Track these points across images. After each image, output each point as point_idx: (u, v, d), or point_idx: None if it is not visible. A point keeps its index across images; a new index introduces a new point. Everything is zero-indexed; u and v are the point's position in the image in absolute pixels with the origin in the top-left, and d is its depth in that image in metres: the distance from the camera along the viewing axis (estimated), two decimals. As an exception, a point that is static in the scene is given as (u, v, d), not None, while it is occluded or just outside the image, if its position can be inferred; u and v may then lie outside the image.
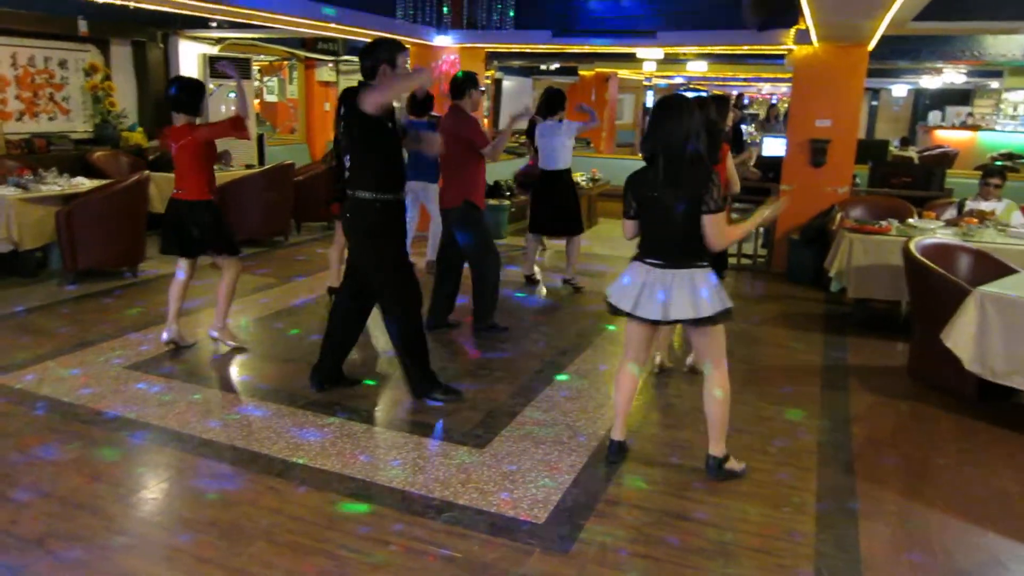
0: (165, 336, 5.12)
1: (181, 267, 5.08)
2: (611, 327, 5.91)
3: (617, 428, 3.73)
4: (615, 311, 3.56)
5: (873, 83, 17.91)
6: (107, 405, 4.22)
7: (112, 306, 6.06)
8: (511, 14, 6.34)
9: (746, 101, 18.08)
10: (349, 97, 4.00)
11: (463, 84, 5.36)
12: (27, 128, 8.21)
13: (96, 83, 8.83)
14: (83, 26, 8.22)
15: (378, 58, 3.96)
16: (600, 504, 3.33)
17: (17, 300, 6.16)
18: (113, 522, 3.14)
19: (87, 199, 6.61)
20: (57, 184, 6.95)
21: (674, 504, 3.36)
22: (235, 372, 4.87)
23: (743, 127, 15.71)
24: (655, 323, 3.51)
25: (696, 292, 3.39)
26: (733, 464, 3.62)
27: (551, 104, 6.73)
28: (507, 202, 9.25)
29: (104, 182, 7.11)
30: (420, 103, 6.64)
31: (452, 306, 5.77)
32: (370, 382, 4.70)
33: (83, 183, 7.11)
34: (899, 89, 19.01)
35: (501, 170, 9.78)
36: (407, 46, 4.06)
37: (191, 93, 4.89)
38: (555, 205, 6.84)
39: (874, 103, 20.50)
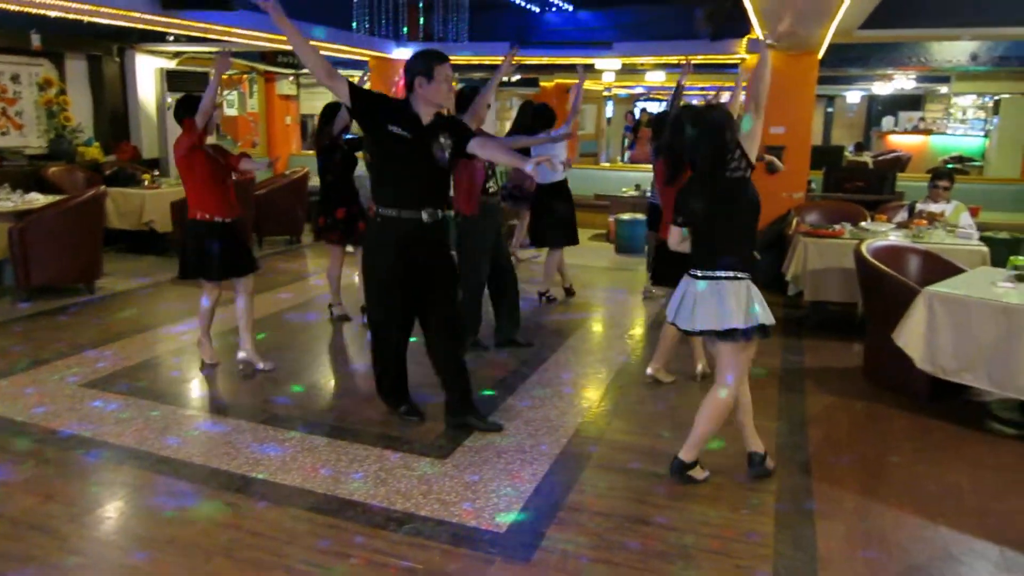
0: (240, 355, 5.01)
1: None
2: (570, 339, 5.96)
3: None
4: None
5: (827, 90, 18.31)
6: (62, 424, 4.14)
7: (67, 323, 5.94)
8: (466, 27, 6.38)
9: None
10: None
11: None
12: (-18, 144, 8.05)
13: (51, 97, 8.67)
14: (36, 40, 8.07)
15: (413, 71, 3.75)
16: (562, 512, 3.35)
17: (-33, 320, 6.02)
18: (67, 542, 3.08)
19: (41, 215, 6.49)
20: (10, 200, 6.82)
21: (635, 509, 3.39)
22: (194, 388, 4.81)
23: None
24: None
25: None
26: (697, 472, 3.64)
27: (543, 120, 6.55)
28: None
29: (59, 198, 6.99)
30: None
31: (516, 319, 5.66)
32: (296, 388, 4.67)
33: (37, 199, 6.99)
34: (853, 95, 19.46)
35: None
36: (446, 57, 3.81)
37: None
38: (559, 216, 6.82)
39: (829, 110, 20.93)
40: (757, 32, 6.38)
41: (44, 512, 3.28)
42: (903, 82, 14.79)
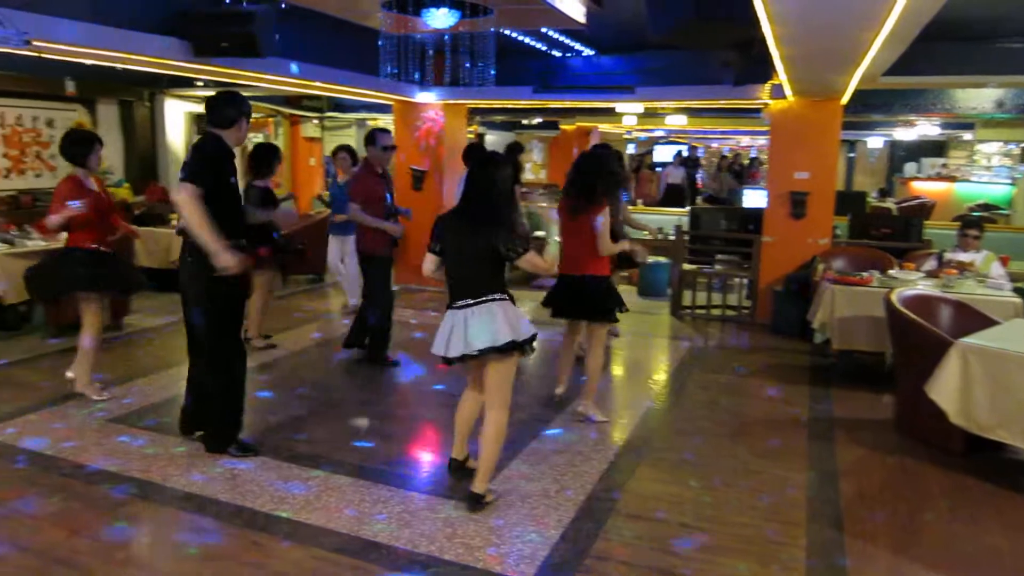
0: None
1: None
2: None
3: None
4: None
5: (849, 135, 18.32)
6: (89, 458, 4.16)
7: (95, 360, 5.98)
8: (492, 72, 6.50)
9: (700, 153, 18.59)
10: None
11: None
12: (14, 185, 8.24)
13: (84, 140, 8.88)
14: (70, 86, 8.33)
15: (239, 111, 4.15)
16: (588, 560, 3.30)
17: (0, 353, 6.10)
18: (91, 580, 3.07)
19: (72, 253, 6.56)
20: (43, 239, 6.93)
21: (661, 560, 3.32)
22: (219, 426, 4.80)
23: (698, 177, 16.37)
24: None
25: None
26: (490, 497, 3.76)
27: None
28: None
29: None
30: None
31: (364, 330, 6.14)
32: (321, 427, 4.65)
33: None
34: (875, 141, 19.45)
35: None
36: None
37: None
38: None
39: (851, 155, 20.93)
40: (782, 78, 6.43)
41: (70, 547, 3.29)
42: (926, 128, 14.78)
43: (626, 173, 6.42)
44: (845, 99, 7.55)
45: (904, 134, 16.52)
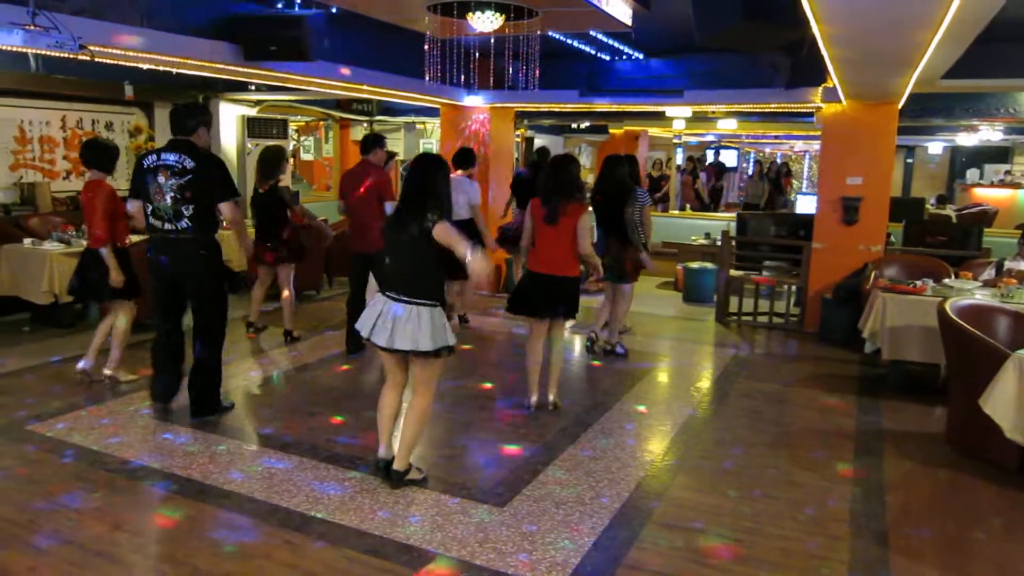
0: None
1: None
2: (634, 388, 5.85)
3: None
4: None
5: (907, 140, 17.81)
6: (133, 454, 4.26)
7: (144, 357, 6.10)
8: (536, 75, 6.48)
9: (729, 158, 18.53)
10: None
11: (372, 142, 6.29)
12: (73, 187, 8.52)
13: (140, 143, 9.16)
14: (129, 90, 8.58)
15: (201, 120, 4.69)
16: (620, 569, 3.24)
17: (55, 350, 6.30)
18: (131, 571, 3.14)
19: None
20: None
21: (697, 572, 3.25)
22: (260, 424, 4.88)
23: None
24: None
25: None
26: (414, 474, 3.96)
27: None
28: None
29: (142, 238, 7.29)
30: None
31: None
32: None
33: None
34: (935, 146, 18.87)
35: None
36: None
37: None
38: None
39: (909, 160, 20.33)
40: (834, 81, 6.27)
41: (111, 540, 3.36)
42: (989, 133, 14.25)
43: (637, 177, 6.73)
44: (901, 103, 7.33)
45: (966, 139, 15.97)
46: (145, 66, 6.34)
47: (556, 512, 3.72)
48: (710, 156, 19.45)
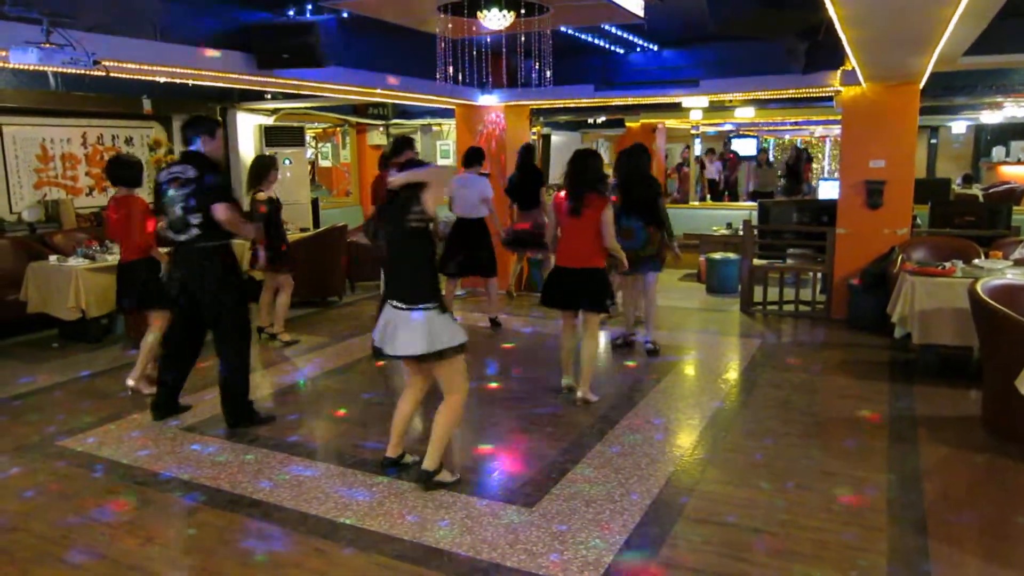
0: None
1: None
2: (661, 382, 5.79)
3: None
4: None
5: (930, 120, 17.50)
6: (163, 466, 4.28)
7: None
8: (549, 71, 6.43)
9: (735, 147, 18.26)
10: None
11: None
12: (96, 202, 8.61)
13: (160, 156, 9.24)
14: (147, 104, 8.69)
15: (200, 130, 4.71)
16: (654, 566, 3.20)
17: (83, 365, 6.37)
18: (162, 586, 3.15)
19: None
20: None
21: (732, 567, 3.20)
22: (287, 432, 4.88)
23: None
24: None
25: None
26: (445, 475, 3.95)
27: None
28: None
29: (165, 250, 7.35)
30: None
31: None
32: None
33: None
34: (959, 126, 18.51)
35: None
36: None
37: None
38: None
39: (933, 141, 19.97)
40: (853, 63, 6.17)
41: (143, 554, 3.38)
42: (1014, 110, 13.97)
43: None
44: (923, 83, 7.20)
45: (990, 117, 15.66)
46: (162, 79, 6.40)
47: (586, 511, 3.68)
48: (733, 145, 19.22)
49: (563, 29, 7.09)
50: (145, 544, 3.46)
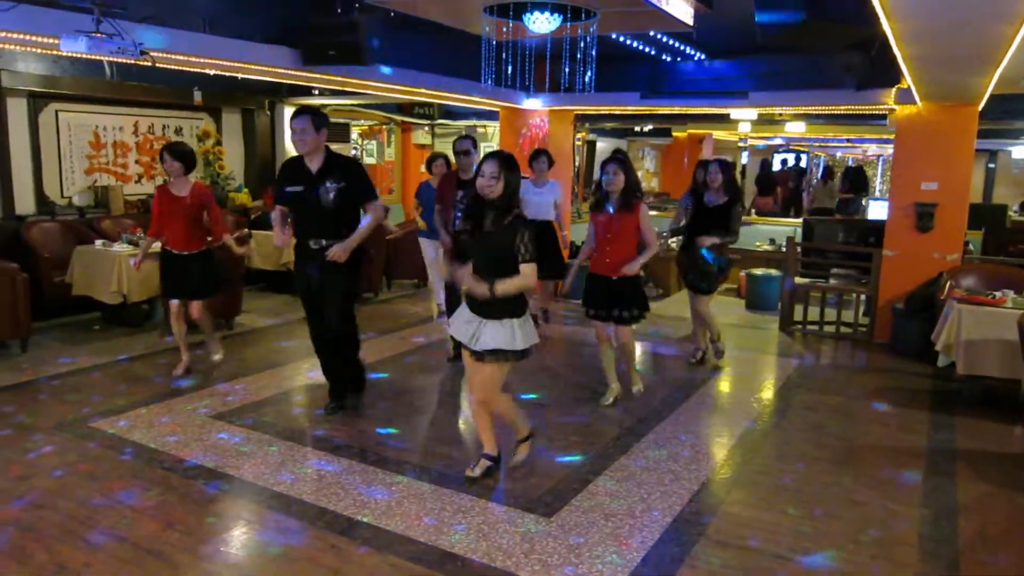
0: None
1: None
2: (693, 397, 5.69)
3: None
4: None
5: (988, 144, 16.97)
6: (189, 453, 4.33)
7: (204, 357, 6.26)
8: (589, 77, 6.38)
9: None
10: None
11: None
12: (144, 190, 8.78)
13: (208, 148, 9.40)
14: (198, 96, 8.84)
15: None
16: (670, 587, 3.13)
17: (121, 349, 6.50)
18: (179, 571, 3.17)
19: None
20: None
21: (752, 592, 3.11)
22: (313, 426, 4.91)
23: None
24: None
25: None
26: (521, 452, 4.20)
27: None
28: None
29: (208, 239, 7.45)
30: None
31: None
32: (408, 432, 4.64)
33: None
34: (1019, 151, 17.94)
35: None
36: (296, 114, 4.69)
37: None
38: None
39: (991, 165, 19.38)
40: (909, 81, 5.99)
41: (163, 540, 3.41)
42: (1079, 136, 13.49)
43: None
44: (982, 104, 6.97)
45: (1054, 142, 15.15)
46: (212, 72, 6.50)
47: (605, 524, 3.62)
48: (789, 160, 18.83)
49: (611, 35, 7.03)
50: (165, 529, 3.50)
